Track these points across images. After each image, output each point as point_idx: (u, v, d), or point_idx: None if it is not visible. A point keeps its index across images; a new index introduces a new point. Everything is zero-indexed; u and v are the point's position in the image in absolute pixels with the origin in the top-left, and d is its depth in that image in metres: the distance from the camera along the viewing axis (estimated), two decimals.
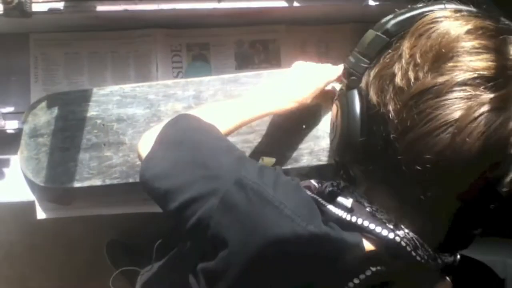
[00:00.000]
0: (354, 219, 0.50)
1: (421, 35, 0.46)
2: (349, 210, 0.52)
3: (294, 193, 0.54)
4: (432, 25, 0.46)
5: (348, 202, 0.52)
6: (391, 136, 0.45)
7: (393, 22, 0.49)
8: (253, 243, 0.50)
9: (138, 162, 0.90)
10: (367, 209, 0.51)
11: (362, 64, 0.51)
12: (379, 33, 0.49)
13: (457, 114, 0.42)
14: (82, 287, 1.59)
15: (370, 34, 0.51)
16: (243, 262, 0.50)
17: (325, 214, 0.53)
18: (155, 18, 0.95)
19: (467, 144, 0.42)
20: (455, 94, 0.42)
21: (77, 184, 0.90)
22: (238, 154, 0.58)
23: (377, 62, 0.50)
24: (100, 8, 0.88)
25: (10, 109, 0.98)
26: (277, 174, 0.56)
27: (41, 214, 0.95)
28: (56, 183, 0.90)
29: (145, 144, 0.64)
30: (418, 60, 0.45)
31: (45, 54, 0.99)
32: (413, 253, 0.48)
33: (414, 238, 0.49)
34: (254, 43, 1.04)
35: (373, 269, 0.49)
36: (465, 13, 0.47)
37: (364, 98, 0.50)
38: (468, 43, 0.44)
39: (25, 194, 0.94)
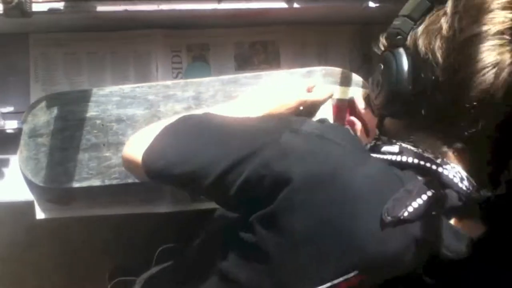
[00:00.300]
0: (404, 158, 0.55)
1: None
2: (398, 153, 0.56)
3: (348, 134, 0.59)
4: None
5: (395, 147, 0.57)
6: (440, 79, 0.52)
7: None
8: (320, 174, 0.52)
9: None
10: (414, 150, 0.56)
11: (408, 25, 0.57)
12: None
13: (498, 58, 0.50)
14: (80, 287, 1.59)
15: (414, 0, 0.58)
16: (310, 192, 0.52)
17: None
18: (155, 18, 0.95)
19: (507, 81, 0.50)
20: (495, 41, 0.50)
21: (76, 184, 0.90)
22: (277, 115, 0.63)
23: (422, 22, 0.56)
24: (100, 8, 0.88)
25: (9, 109, 0.98)
26: (325, 120, 0.62)
27: (40, 214, 0.95)
28: (55, 183, 0.90)
29: (135, 145, 0.64)
30: (462, 14, 0.52)
31: (44, 54, 0.99)
32: (460, 184, 0.54)
33: (459, 171, 0.54)
34: (254, 44, 1.04)
35: (432, 191, 0.52)
36: None
37: (410, 53, 0.56)
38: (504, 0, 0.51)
39: (24, 194, 0.94)
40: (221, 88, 0.92)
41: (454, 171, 0.54)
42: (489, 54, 0.50)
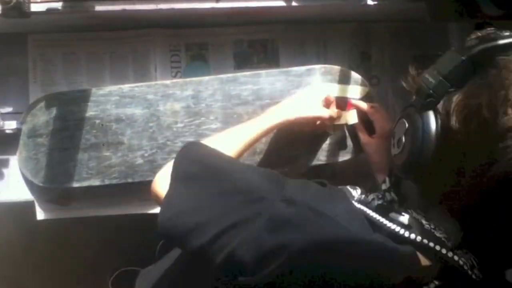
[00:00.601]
0: (413, 236, 0.51)
1: None
2: (406, 227, 0.52)
3: (344, 204, 0.54)
4: None
5: (404, 218, 0.53)
6: (469, 166, 0.46)
7: (479, 48, 0.49)
8: (310, 251, 0.49)
9: (137, 162, 0.90)
10: (425, 226, 0.52)
11: (444, 88, 0.50)
12: (464, 58, 0.49)
13: None
14: (80, 287, 1.59)
15: (454, 57, 0.50)
16: (297, 268, 0.49)
17: (375, 226, 0.53)
18: (154, 18, 0.95)
19: None
20: None
21: (76, 184, 0.90)
22: (270, 173, 0.58)
23: (459, 88, 0.49)
24: (99, 8, 0.88)
25: (8, 109, 0.98)
26: (321, 185, 0.56)
27: (40, 215, 0.95)
28: (55, 183, 0.90)
29: (161, 184, 0.63)
30: (510, 96, 0.44)
31: (43, 54, 0.99)
32: (469, 272, 0.50)
33: (471, 258, 0.50)
34: (253, 42, 1.04)
35: (436, 283, 0.49)
36: None
37: (440, 121, 0.50)
38: None
39: (24, 195, 0.94)
40: (220, 87, 0.92)
41: (466, 258, 0.50)
42: None
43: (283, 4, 0.92)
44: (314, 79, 0.93)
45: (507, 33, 0.49)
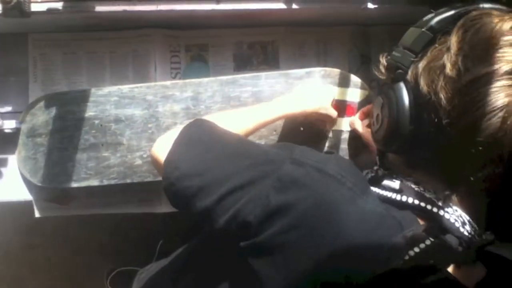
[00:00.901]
0: (404, 198, 0.54)
1: (467, 29, 0.50)
2: (398, 191, 0.55)
3: (350, 168, 0.57)
4: (478, 21, 0.50)
5: (395, 184, 0.56)
6: (444, 121, 0.49)
7: (437, 19, 0.54)
8: (316, 211, 0.51)
9: (136, 163, 0.90)
10: (415, 189, 0.55)
11: (409, 58, 0.54)
12: (424, 30, 0.54)
13: (506, 100, 0.46)
14: (79, 287, 1.59)
15: (415, 31, 0.56)
16: (303, 228, 0.51)
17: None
18: (154, 18, 0.95)
19: None
20: (503, 82, 0.47)
21: (74, 184, 0.90)
22: (281, 143, 0.62)
23: (423, 56, 0.53)
24: (99, 8, 0.88)
25: (8, 108, 0.98)
26: (329, 152, 0.61)
27: (38, 213, 0.95)
28: (54, 183, 0.90)
29: (162, 148, 0.63)
30: (467, 52, 0.49)
31: (43, 54, 0.99)
32: (461, 229, 0.52)
33: (461, 215, 0.52)
34: (253, 44, 1.04)
35: (432, 239, 0.51)
36: (504, 10, 0.52)
37: (411, 89, 0.53)
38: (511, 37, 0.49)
39: (23, 194, 0.94)
40: (220, 89, 0.92)
41: (456, 215, 0.52)
42: (497, 96, 0.47)
43: (283, 6, 0.93)
44: (314, 82, 0.93)
45: (458, 5, 0.54)
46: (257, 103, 0.92)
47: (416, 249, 0.50)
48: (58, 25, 0.96)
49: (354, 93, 0.94)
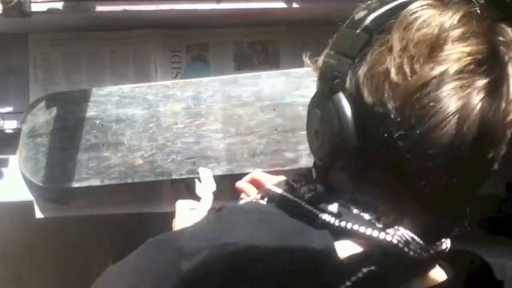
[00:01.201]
0: (343, 224, 0.49)
1: (408, 26, 0.45)
2: (336, 215, 0.50)
3: (248, 217, 0.53)
4: (417, 15, 0.45)
5: (334, 207, 0.51)
6: (394, 135, 0.44)
7: (371, 17, 0.48)
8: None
9: (137, 163, 0.90)
10: (354, 211, 0.50)
11: (346, 65, 0.48)
12: (359, 31, 0.48)
13: (459, 104, 0.42)
14: (79, 287, 1.59)
15: (348, 32, 0.50)
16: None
17: (309, 218, 0.51)
18: (154, 18, 0.95)
19: (471, 131, 0.42)
20: (453, 84, 0.42)
21: (75, 184, 0.90)
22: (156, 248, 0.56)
23: (362, 61, 0.47)
24: (99, 8, 0.88)
25: (9, 109, 0.98)
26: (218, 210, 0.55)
27: (39, 214, 0.95)
28: (55, 183, 0.90)
29: None
30: (412, 52, 0.44)
31: (44, 54, 0.99)
32: (405, 249, 0.48)
33: (404, 234, 0.48)
34: (254, 44, 1.04)
35: (365, 270, 0.47)
36: (445, 1, 0.47)
37: (353, 100, 0.48)
38: (457, 30, 0.44)
39: (24, 194, 0.94)
40: (221, 88, 0.92)
41: (398, 235, 0.48)
42: (449, 100, 0.42)
43: (284, 5, 0.92)
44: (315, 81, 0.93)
45: None
46: (258, 102, 0.92)
47: (353, 278, 0.47)
48: (58, 25, 0.96)
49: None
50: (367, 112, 0.46)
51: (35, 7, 0.83)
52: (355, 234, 0.48)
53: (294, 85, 0.93)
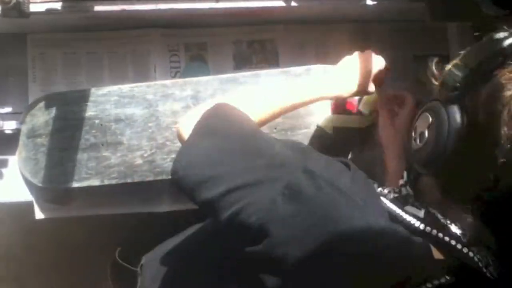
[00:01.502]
0: (428, 229, 0.50)
1: None
2: (421, 220, 0.51)
3: (364, 185, 0.55)
4: None
5: (419, 212, 0.52)
6: (499, 161, 0.44)
7: (510, 41, 0.47)
8: (321, 232, 0.49)
9: (137, 162, 0.90)
10: (441, 220, 0.51)
11: (470, 80, 0.49)
12: (494, 50, 0.48)
13: None
14: (79, 287, 1.59)
15: (481, 49, 0.49)
16: (304, 254, 0.49)
17: (391, 216, 0.53)
18: (153, 18, 0.95)
19: None
20: None
21: (75, 184, 0.90)
22: (298, 144, 0.59)
23: (488, 81, 0.47)
24: (98, 8, 0.88)
25: (8, 109, 0.98)
26: (346, 164, 0.56)
27: (39, 214, 0.95)
28: (54, 183, 0.90)
29: (188, 126, 0.61)
30: None
31: (43, 54, 0.99)
32: (484, 270, 0.48)
33: (487, 256, 0.49)
34: (252, 43, 1.04)
35: (448, 277, 0.49)
36: None
37: (467, 116, 0.48)
38: None
39: (23, 195, 0.94)
40: (220, 87, 0.92)
41: (481, 254, 0.49)
42: None
43: (282, 4, 0.92)
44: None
45: None
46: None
47: (435, 282, 0.48)
48: (57, 25, 0.96)
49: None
50: (477, 131, 0.46)
51: (33, 8, 0.83)
52: (436, 241, 0.50)
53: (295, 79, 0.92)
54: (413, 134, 0.56)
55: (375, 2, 0.93)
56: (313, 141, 0.92)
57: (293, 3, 0.93)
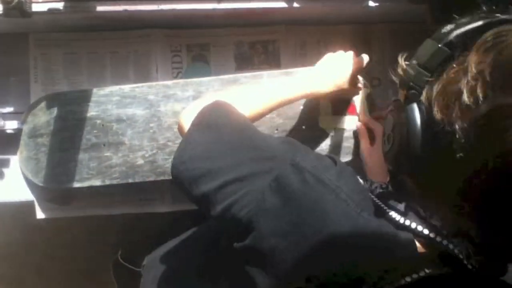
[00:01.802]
0: (407, 222, 0.51)
1: (489, 49, 0.43)
2: (403, 214, 0.53)
3: (350, 179, 0.56)
4: (503, 38, 0.43)
5: (401, 206, 0.54)
6: (457, 155, 0.43)
7: (456, 33, 0.47)
8: (308, 226, 0.51)
9: (138, 163, 0.90)
10: (421, 214, 0.52)
11: (423, 78, 0.48)
12: (441, 45, 0.48)
13: None
14: (80, 287, 1.59)
15: (431, 45, 0.49)
16: (291, 249, 0.51)
17: (377, 211, 0.54)
18: (155, 18, 0.95)
19: None
20: None
21: (76, 184, 0.90)
22: (288, 139, 0.60)
23: (439, 76, 0.47)
24: (100, 8, 0.88)
25: (9, 109, 0.98)
26: (333, 159, 0.58)
27: (40, 214, 0.95)
28: (56, 183, 0.90)
29: (189, 119, 0.63)
30: (487, 77, 0.41)
31: (44, 54, 0.99)
32: (465, 261, 0.49)
33: (467, 247, 0.49)
34: (254, 44, 1.04)
35: (427, 271, 0.49)
36: None
37: (424, 113, 0.48)
38: None
39: (24, 194, 0.94)
40: (221, 88, 0.92)
41: (461, 246, 0.49)
42: None
43: (284, 5, 0.93)
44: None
45: (482, 15, 0.47)
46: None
47: (415, 276, 0.49)
48: (59, 25, 0.96)
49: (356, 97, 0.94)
50: (435, 127, 0.46)
51: (35, 7, 0.83)
52: (417, 234, 0.51)
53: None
54: (382, 137, 0.57)
55: (377, 4, 0.93)
56: (314, 142, 0.93)
57: (295, 4, 0.93)
